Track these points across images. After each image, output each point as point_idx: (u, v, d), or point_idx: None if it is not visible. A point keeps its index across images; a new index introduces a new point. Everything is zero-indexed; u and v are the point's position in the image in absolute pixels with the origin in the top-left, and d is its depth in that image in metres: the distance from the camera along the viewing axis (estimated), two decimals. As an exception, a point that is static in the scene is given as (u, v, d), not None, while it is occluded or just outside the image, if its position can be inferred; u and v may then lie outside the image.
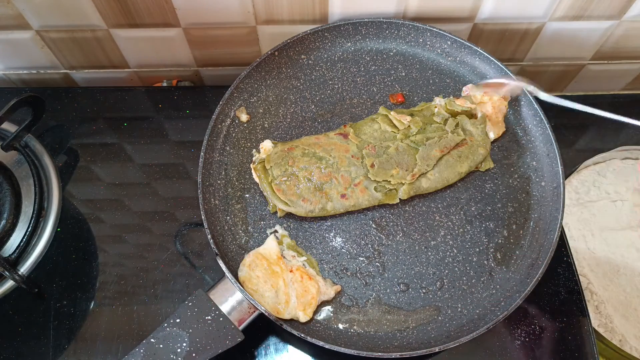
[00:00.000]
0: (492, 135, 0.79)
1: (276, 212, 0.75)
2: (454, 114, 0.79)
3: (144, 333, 0.74)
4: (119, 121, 0.90)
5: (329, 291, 0.70)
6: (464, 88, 0.82)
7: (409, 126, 0.77)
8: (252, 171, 0.76)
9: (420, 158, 0.75)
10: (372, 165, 0.74)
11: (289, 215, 0.75)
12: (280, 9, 0.85)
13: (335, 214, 0.75)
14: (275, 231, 0.74)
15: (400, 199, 0.75)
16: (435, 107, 0.80)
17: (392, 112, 0.78)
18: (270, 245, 0.72)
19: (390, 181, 0.74)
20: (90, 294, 0.77)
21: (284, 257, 0.71)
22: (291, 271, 0.70)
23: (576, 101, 1.03)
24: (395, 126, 0.77)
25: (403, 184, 0.74)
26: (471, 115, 0.80)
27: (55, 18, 0.85)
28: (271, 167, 0.74)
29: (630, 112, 1.01)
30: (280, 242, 0.73)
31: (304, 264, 0.72)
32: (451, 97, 0.81)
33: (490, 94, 0.79)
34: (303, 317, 0.68)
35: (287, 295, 0.68)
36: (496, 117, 0.79)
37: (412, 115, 0.78)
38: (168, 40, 0.92)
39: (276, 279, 0.69)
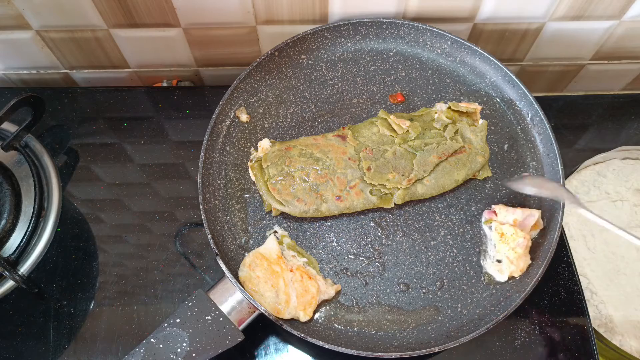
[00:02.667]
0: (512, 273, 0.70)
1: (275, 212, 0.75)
2: (454, 120, 0.79)
3: (144, 333, 0.74)
4: (119, 121, 0.90)
5: (329, 290, 0.70)
6: (493, 207, 0.74)
7: (408, 131, 0.77)
8: (249, 169, 0.76)
9: (417, 163, 0.75)
10: (369, 169, 0.74)
11: (288, 215, 0.75)
12: (280, 9, 0.85)
13: (334, 215, 0.75)
14: (275, 231, 0.74)
15: (395, 203, 0.75)
16: (436, 112, 0.80)
17: (391, 116, 0.78)
18: (270, 245, 0.72)
19: (386, 185, 0.74)
20: (90, 294, 0.77)
21: (284, 257, 0.71)
22: (291, 271, 0.70)
23: (576, 101, 1.04)
24: (394, 130, 0.77)
25: (398, 189, 0.74)
26: (472, 122, 0.80)
27: (55, 18, 0.85)
28: (268, 166, 0.74)
29: (630, 112, 1.01)
30: (280, 242, 0.73)
31: (304, 264, 0.72)
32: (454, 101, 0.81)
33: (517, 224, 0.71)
34: (303, 317, 0.68)
35: (287, 295, 0.68)
36: (515, 252, 0.70)
37: (411, 120, 0.78)
38: (168, 40, 0.92)
39: (276, 278, 0.69)
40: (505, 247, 0.70)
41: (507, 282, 0.72)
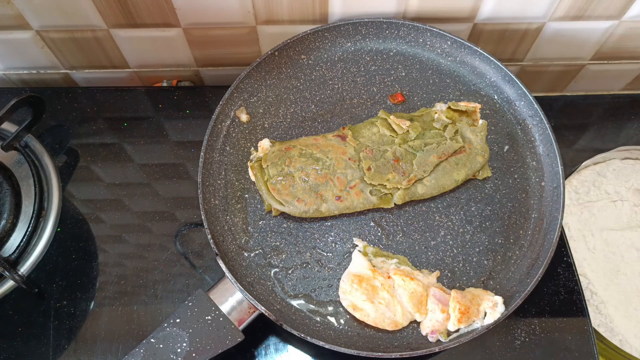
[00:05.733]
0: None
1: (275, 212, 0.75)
2: (454, 120, 0.79)
3: (144, 333, 0.74)
4: (119, 121, 0.91)
5: (432, 279, 0.70)
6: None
7: (408, 131, 0.77)
8: (249, 169, 0.76)
9: (417, 163, 0.75)
10: (369, 169, 0.74)
11: (288, 215, 0.75)
12: (280, 9, 0.85)
13: (334, 215, 0.75)
14: (356, 245, 0.73)
15: (395, 203, 0.75)
16: (436, 112, 0.80)
17: (391, 116, 0.78)
18: (359, 262, 0.71)
19: (386, 185, 0.74)
20: (90, 294, 0.77)
21: (376, 267, 0.70)
22: (389, 277, 0.69)
23: (576, 101, 1.04)
24: (394, 130, 0.77)
25: (398, 189, 0.74)
26: (472, 122, 0.80)
27: (55, 18, 0.85)
28: (268, 166, 0.74)
29: (630, 112, 1.01)
30: (364, 254, 0.72)
31: (396, 265, 0.71)
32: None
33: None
34: (420, 317, 0.68)
35: (400, 304, 0.68)
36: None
37: (411, 120, 0.78)
38: (168, 40, 0.92)
39: (381, 293, 0.68)
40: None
41: (506, 282, 0.72)
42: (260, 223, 0.75)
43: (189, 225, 0.83)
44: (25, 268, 0.75)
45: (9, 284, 0.75)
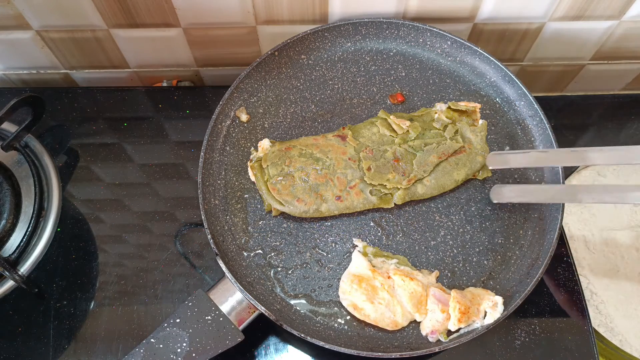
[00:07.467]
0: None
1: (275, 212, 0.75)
2: (454, 120, 0.79)
3: (144, 333, 0.74)
4: (119, 121, 0.91)
5: (431, 279, 0.70)
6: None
7: (408, 131, 0.77)
8: (249, 169, 0.76)
9: (417, 163, 0.75)
10: (369, 169, 0.74)
11: (288, 215, 0.75)
12: (280, 9, 0.85)
13: (334, 215, 0.75)
14: (355, 246, 0.73)
15: (395, 203, 0.75)
16: (436, 112, 0.80)
17: (391, 116, 0.78)
18: (358, 262, 0.71)
19: (386, 185, 0.74)
20: (90, 294, 0.77)
21: (375, 267, 0.70)
22: (389, 277, 0.69)
23: (576, 101, 1.04)
24: (394, 130, 0.77)
25: (399, 189, 0.74)
26: (472, 122, 0.80)
27: (55, 18, 0.85)
28: (268, 166, 0.74)
29: (630, 112, 1.01)
30: (364, 254, 0.72)
31: (396, 265, 0.71)
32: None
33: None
34: (420, 317, 0.68)
35: (399, 304, 0.68)
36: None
37: (411, 120, 0.78)
38: (168, 40, 0.92)
39: (380, 293, 0.68)
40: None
41: (506, 282, 0.72)
42: (260, 223, 0.75)
43: (189, 225, 0.83)
44: (25, 268, 0.75)
45: (9, 284, 0.75)
